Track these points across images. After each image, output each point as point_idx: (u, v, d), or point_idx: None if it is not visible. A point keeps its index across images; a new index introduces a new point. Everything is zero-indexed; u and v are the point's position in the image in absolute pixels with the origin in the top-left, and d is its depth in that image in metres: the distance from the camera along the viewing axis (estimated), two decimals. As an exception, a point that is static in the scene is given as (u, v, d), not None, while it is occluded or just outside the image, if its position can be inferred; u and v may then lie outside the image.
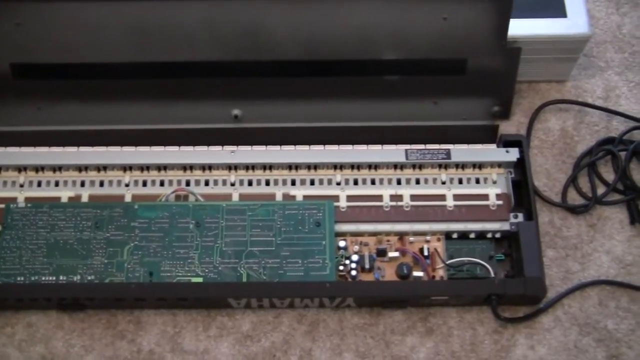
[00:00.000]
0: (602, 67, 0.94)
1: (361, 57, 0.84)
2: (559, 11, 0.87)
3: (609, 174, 0.88)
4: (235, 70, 0.85)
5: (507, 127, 0.90)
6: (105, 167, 0.85)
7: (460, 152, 0.84)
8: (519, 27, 0.85)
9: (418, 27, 0.82)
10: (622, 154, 0.87)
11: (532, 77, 0.92)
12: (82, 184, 0.84)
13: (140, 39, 0.83)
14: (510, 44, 0.84)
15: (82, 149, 0.85)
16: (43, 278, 0.78)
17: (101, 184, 0.85)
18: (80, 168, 0.85)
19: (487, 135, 0.88)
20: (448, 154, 0.84)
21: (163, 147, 0.85)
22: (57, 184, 0.84)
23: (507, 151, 0.84)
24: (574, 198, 0.87)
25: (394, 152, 0.84)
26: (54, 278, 0.78)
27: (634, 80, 0.93)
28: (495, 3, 0.80)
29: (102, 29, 0.82)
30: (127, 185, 0.84)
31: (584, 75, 0.94)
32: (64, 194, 0.84)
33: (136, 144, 0.86)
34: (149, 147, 0.85)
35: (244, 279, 0.78)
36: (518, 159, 0.84)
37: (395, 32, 0.83)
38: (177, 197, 0.84)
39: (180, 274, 0.78)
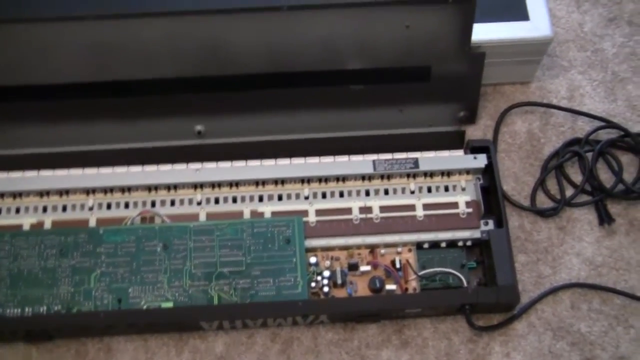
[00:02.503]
0: (565, 66, 0.94)
1: (324, 68, 0.83)
2: (521, 14, 0.86)
3: (576, 175, 0.88)
4: (197, 85, 0.83)
5: (473, 132, 0.90)
6: (67, 191, 0.82)
7: (428, 160, 0.84)
8: (482, 32, 0.84)
9: (381, 36, 0.81)
10: (589, 155, 0.87)
11: (497, 80, 0.92)
12: (44, 210, 0.82)
13: (98, 58, 0.80)
14: (474, 49, 0.83)
15: (43, 172, 0.83)
16: (8, 310, 0.76)
17: (64, 208, 0.82)
18: (41, 193, 0.82)
19: (454, 141, 0.87)
20: (416, 163, 0.83)
21: (126, 167, 0.83)
22: (17, 210, 0.82)
23: (474, 157, 0.84)
24: (542, 201, 0.87)
25: (362, 164, 0.83)
26: (19, 310, 0.76)
27: (597, 78, 0.93)
28: (457, 10, 0.79)
29: (57, 49, 0.79)
30: (90, 208, 0.82)
31: (547, 76, 0.93)
32: (26, 221, 0.81)
33: (98, 165, 0.84)
34: (111, 167, 0.83)
35: (215, 302, 0.77)
36: (486, 164, 0.83)
37: (358, 41, 0.81)
38: (143, 219, 0.82)
39: (149, 299, 0.77)
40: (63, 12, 0.79)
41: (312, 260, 0.80)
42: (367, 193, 0.84)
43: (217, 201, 0.83)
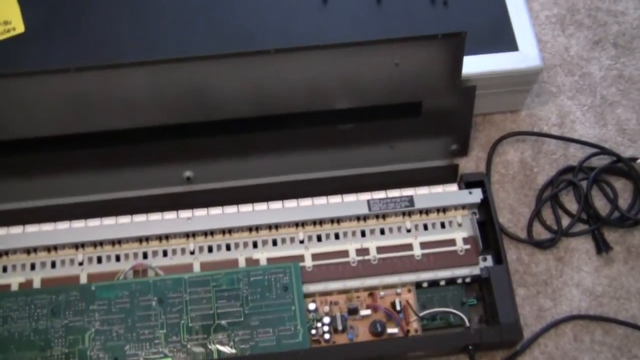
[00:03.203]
0: (554, 92, 0.94)
1: (313, 109, 0.82)
2: (510, 44, 0.85)
3: (571, 204, 0.87)
4: (183, 132, 0.82)
5: (466, 164, 0.89)
6: (55, 247, 0.80)
7: (423, 198, 0.82)
8: (471, 64, 0.83)
9: (370, 75, 0.80)
10: (583, 183, 0.87)
11: (486, 110, 0.91)
12: (33, 267, 0.80)
13: (80, 110, 0.78)
14: (464, 83, 0.82)
15: (29, 228, 0.80)
16: (0, 376, 0.74)
17: (53, 264, 0.80)
18: (28, 250, 0.80)
19: (448, 175, 0.86)
20: (411, 201, 0.82)
21: (115, 218, 0.81)
22: (4, 269, 0.80)
23: (470, 192, 0.83)
24: (539, 232, 0.86)
25: (356, 204, 0.82)
26: (12, 375, 0.74)
27: (586, 103, 0.93)
28: (447, 44, 0.78)
29: (39, 102, 0.77)
30: (81, 263, 0.80)
31: (537, 103, 0.93)
32: (14, 280, 0.79)
33: (86, 217, 0.81)
34: (100, 219, 0.81)
35: (215, 356, 0.75)
36: (482, 199, 0.82)
37: (347, 81, 0.80)
38: (136, 273, 0.80)
39: (147, 357, 0.75)
40: (43, 66, 0.78)
41: (311, 306, 0.78)
42: (363, 233, 0.82)
43: (210, 249, 0.81)
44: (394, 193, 0.83)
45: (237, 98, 0.80)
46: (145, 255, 0.81)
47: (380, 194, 0.83)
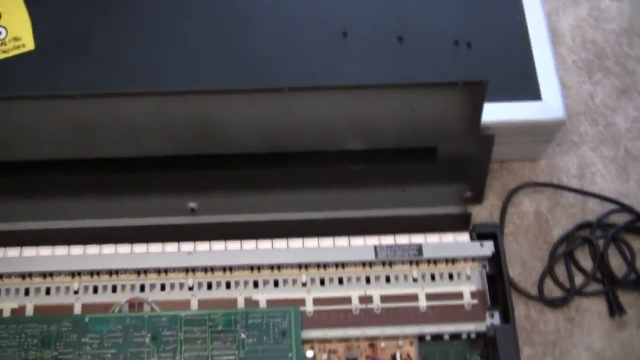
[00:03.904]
0: (576, 142, 0.90)
1: (324, 148, 0.79)
2: (533, 93, 0.82)
3: (586, 261, 0.84)
4: (190, 163, 0.79)
5: (480, 212, 0.86)
6: (51, 274, 0.78)
7: (432, 247, 0.80)
8: (492, 112, 0.80)
9: (385, 118, 0.77)
10: (600, 242, 0.83)
11: (505, 157, 0.88)
12: (27, 292, 0.78)
13: (83, 135, 0.76)
14: (483, 131, 0.79)
15: (26, 251, 0.79)
16: (-15, 407, 0.72)
17: (47, 291, 0.78)
18: (23, 275, 0.78)
19: (460, 223, 0.83)
20: (419, 250, 0.79)
21: (115, 246, 0.79)
22: (-2, 293, 0.78)
23: (481, 245, 0.80)
24: (550, 289, 0.83)
25: (363, 250, 0.79)
26: (-2, 407, 0.72)
27: (608, 155, 0.90)
28: (468, 92, 0.75)
29: (40, 125, 0.75)
30: (76, 292, 0.78)
31: (558, 152, 0.90)
32: (7, 306, 0.77)
33: (85, 242, 0.79)
34: (99, 246, 0.79)
35: (206, 400, 0.73)
36: (492, 252, 0.79)
37: (361, 123, 0.77)
38: (131, 306, 0.77)
39: (136, 396, 0.73)
40: (50, 85, 0.76)
41: (309, 354, 0.76)
42: (368, 280, 0.80)
43: (209, 286, 0.79)
44: (403, 238, 0.81)
45: (246, 133, 0.77)
46: (142, 288, 0.79)
47: (388, 239, 0.80)
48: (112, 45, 0.82)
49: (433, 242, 0.80)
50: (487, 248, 0.79)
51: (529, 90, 0.82)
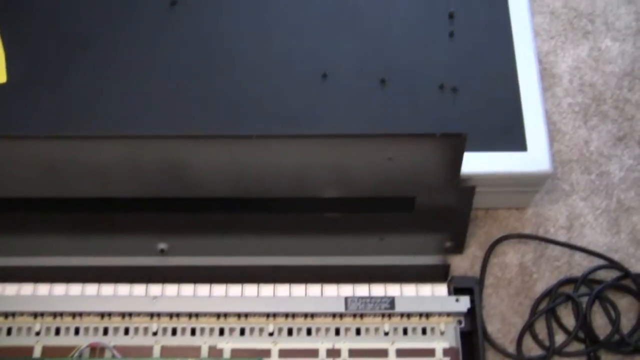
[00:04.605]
0: (566, 190, 0.87)
1: (297, 195, 0.77)
2: (519, 144, 0.79)
3: (569, 318, 0.81)
4: (159, 205, 0.77)
5: (460, 262, 0.83)
6: (13, 314, 0.77)
7: (406, 300, 0.77)
8: (473, 162, 0.77)
9: (360, 166, 0.74)
10: (584, 299, 0.80)
11: (489, 205, 0.85)
12: (-14, 333, 0.77)
13: (49, 175, 0.74)
14: (464, 182, 0.76)
15: (-10, 289, 0.77)
16: None
17: (9, 331, 0.77)
18: (-16, 314, 0.77)
19: (438, 274, 0.80)
20: (392, 303, 0.77)
21: (82, 285, 0.78)
22: (-42, 333, 0.77)
23: (457, 300, 0.77)
24: (530, 347, 0.80)
25: (333, 301, 0.77)
26: None
27: (600, 206, 0.86)
28: (446, 143, 0.72)
29: (7, 164, 0.73)
30: (37, 333, 0.76)
31: (546, 200, 0.86)
32: (-34, 345, 0.76)
33: (51, 281, 0.78)
34: (65, 285, 0.78)
35: None
36: (468, 308, 0.76)
37: (334, 171, 0.75)
38: (93, 350, 0.76)
39: None
40: (18, 119, 0.74)
41: (271, 409, 0.74)
42: (337, 332, 0.77)
43: (174, 332, 0.77)
44: (378, 288, 0.78)
45: (217, 178, 0.75)
46: (106, 331, 0.77)
47: (363, 288, 0.78)
48: (85, 82, 0.81)
49: (408, 293, 0.78)
50: (462, 303, 0.77)
51: (515, 139, 0.79)
